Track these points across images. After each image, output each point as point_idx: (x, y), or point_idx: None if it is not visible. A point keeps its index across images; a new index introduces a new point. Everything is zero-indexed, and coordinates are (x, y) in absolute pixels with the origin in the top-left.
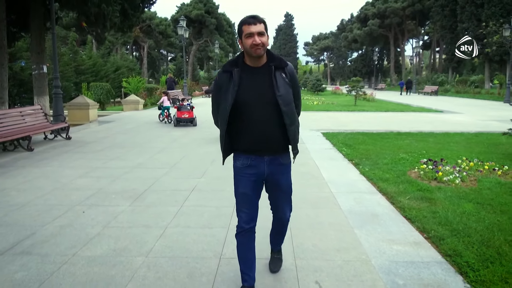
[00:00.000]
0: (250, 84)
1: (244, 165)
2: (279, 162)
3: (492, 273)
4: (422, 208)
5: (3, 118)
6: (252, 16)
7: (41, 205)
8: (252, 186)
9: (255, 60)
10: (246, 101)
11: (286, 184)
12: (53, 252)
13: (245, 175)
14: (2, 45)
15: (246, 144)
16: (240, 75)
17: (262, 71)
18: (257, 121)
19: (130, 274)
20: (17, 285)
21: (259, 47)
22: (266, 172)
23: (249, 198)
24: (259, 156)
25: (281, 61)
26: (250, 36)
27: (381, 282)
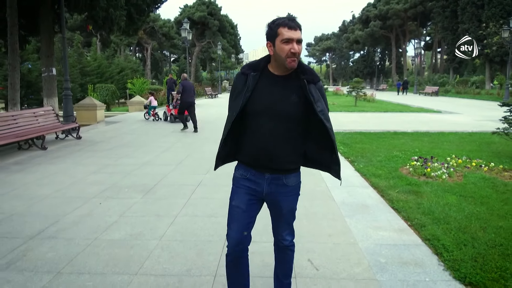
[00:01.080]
0: (267, 93)
1: (243, 176)
2: (282, 183)
3: (464, 253)
4: (409, 200)
5: (18, 119)
6: (292, 19)
7: (61, 198)
8: (247, 201)
9: (282, 68)
10: (256, 110)
11: (287, 208)
12: (77, 236)
13: (242, 186)
14: (14, 48)
15: (247, 156)
16: (257, 81)
17: (286, 81)
18: (264, 134)
19: (146, 254)
20: (50, 263)
21: (295, 58)
22: (266, 191)
23: (241, 214)
24: (259, 172)
25: (313, 75)
26: (288, 42)
27: (365, 261)
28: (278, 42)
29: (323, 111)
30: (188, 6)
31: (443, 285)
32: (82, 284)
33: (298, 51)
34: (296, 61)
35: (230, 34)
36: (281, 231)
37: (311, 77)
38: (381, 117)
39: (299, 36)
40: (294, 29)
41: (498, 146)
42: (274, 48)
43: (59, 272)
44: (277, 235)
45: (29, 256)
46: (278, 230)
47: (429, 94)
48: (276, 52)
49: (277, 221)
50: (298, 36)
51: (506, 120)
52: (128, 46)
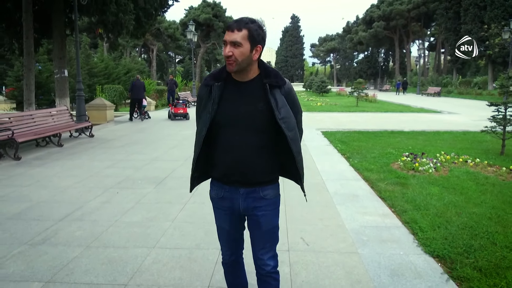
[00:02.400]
0: (233, 102)
1: (218, 195)
2: (259, 196)
3: (436, 233)
4: (395, 190)
5: (36, 118)
6: (236, 20)
7: (81, 188)
8: (229, 222)
9: (239, 73)
10: (224, 121)
11: (267, 225)
12: (100, 219)
13: (220, 207)
14: (30, 51)
15: (219, 172)
16: (221, 91)
17: (250, 88)
18: (233, 146)
19: (161, 232)
20: (79, 239)
21: (230, 61)
22: (242, 206)
23: (227, 234)
24: (233, 187)
25: (277, 78)
26: (224, 45)
27: (350, 239)
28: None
29: (285, 119)
30: (193, 8)
31: (414, 257)
32: (108, 255)
33: (227, 53)
34: (233, 65)
35: None
36: (262, 254)
37: (275, 80)
38: (380, 117)
39: (234, 38)
40: (231, 30)
41: (489, 144)
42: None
43: (88, 246)
44: (257, 260)
45: (60, 234)
46: (258, 253)
47: (431, 94)
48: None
49: (257, 242)
50: (233, 38)
51: (494, 119)
52: (134, 47)
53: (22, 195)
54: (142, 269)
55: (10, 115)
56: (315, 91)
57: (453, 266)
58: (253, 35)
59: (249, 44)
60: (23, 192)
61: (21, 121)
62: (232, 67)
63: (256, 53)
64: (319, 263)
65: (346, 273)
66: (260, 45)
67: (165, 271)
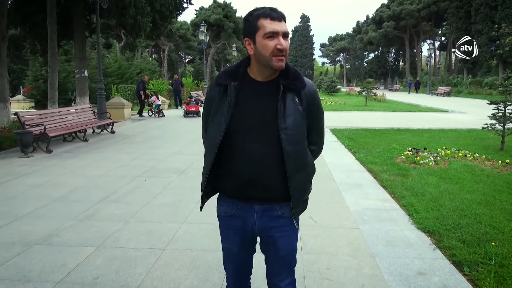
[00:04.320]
0: (250, 106)
1: (227, 214)
2: (277, 214)
3: (429, 214)
4: (396, 180)
5: (63, 115)
6: (273, 9)
7: (113, 176)
8: (238, 243)
9: (265, 71)
10: (240, 127)
11: (286, 248)
12: (133, 201)
13: (229, 227)
14: (54, 52)
15: (231, 185)
16: (238, 92)
17: (269, 89)
18: (250, 156)
19: (188, 211)
20: (119, 216)
21: (283, 55)
22: (257, 226)
23: (234, 256)
24: (247, 204)
25: (296, 79)
26: (272, 37)
27: (352, 218)
28: (260, 38)
29: (288, 130)
30: (204, 9)
31: (408, 232)
32: (146, 228)
33: (285, 46)
34: (284, 60)
35: None
36: (279, 280)
37: (292, 83)
38: (388, 116)
39: (285, 28)
40: (278, 19)
41: (490, 141)
42: (255, 46)
43: (127, 221)
44: (273, 286)
45: (101, 212)
46: (275, 279)
47: (441, 94)
48: (258, 51)
49: (274, 266)
50: (284, 28)
51: (494, 116)
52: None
53: (61, 182)
54: (176, 238)
55: (40, 112)
56: (324, 91)
57: (441, 239)
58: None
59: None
60: (60, 179)
61: (51, 117)
62: (283, 64)
63: None
64: (325, 235)
65: (348, 243)
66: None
67: (195, 240)
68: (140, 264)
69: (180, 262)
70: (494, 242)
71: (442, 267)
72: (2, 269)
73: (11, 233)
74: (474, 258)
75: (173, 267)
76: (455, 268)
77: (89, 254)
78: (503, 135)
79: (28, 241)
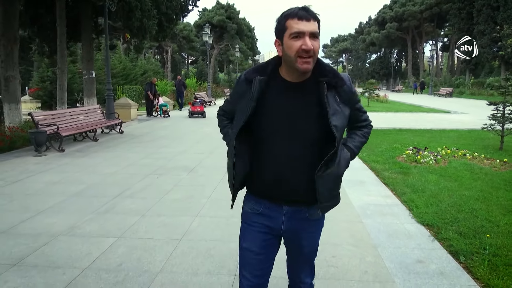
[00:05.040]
0: (280, 105)
1: (254, 210)
2: (305, 217)
3: (429, 209)
4: (398, 178)
5: (74, 115)
6: (304, 8)
7: (124, 174)
8: (261, 242)
9: (293, 72)
10: (266, 128)
11: (310, 247)
12: (148, 196)
13: (253, 224)
14: (63, 54)
15: (260, 185)
16: (263, 88)
17: (305, 89)
18: (278, 158)
19: (200, 206)
20: (134, 210)
21: (310, 56)
22: (284, 227)
23: (254, 258)
24: (275, 204)
25: (335, 76)
26: (298, 37)
27: (356, 213)
28: (286, 38)
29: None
30: (207, 10)
31: (408, 225)
32: (162, 221)
33: (311, 47)
34: (311, 62)
35: (248, 37)
36: (300, 272)
37: (334, 80)
38: (390, 116)
39: (314, 28)
40: (307, 19)
41: (490, 141)
42: (283, 47)
43: (143, 215)
44: (294, 277)
45: (118, 206)
46: (296, 271)
47: (443, 95)
48: (284, 52)
49: (296, 261)
50: (312, 28)
51: (493, 117)
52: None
53: (76, 179)
54: (190, 230)
55: (53, 112)
56: None
57: (439, 231)
58: (319, 28)
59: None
60: (76, 177)
61: (63, 117)
62: (310, 66)
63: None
64: (329, 228)
65: (351, 235)
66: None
67: (208, 231)
68: (159, 252)
69: (196, 251)
70: (489, 234)
71: (439, 256)
72: (31, 257)
73: (35, 226)
74: (469, 248)
75: (190, 255)
76: (452, 257)
77: (111, 244)
78: (502, 135)
79: (52, 232)
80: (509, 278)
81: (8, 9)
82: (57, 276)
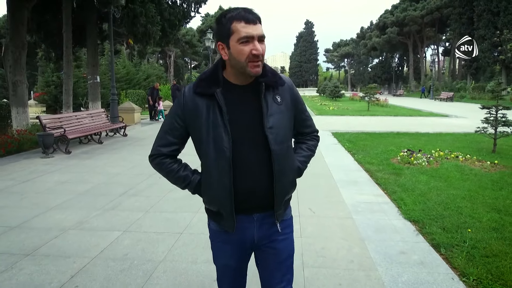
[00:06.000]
0: (239, 113)
1: (222, 228)
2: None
3: (416, 207)
4: (390, 178)
5: (79, 118)
6: (248, 10)
7: (129, 174)
8: (238, 256)
9: (241, 76)
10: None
11: (287, 251)
12: (151, 195)
13: (224, 241)
14: (69, 60)
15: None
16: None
17: (251, 92)
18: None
19: (200, 204)
20: (139, 207)
21: (259, 60)
22: (257, 236)
23: (234, 272)
24: (246, 215)
25: (275, 77)
26: (247, 42)
27: (347, 210)
28: (234, 43)
29: (274, 129)
30: (210, 16)
31: (395, 221)
32: (164, 216)
33: (261, 51)
34: (261, 65)
35: None
36: (278, 282)
37: (271, 79)
38: (389, 120)
39: (261, 31)
40: (253, 22)
41: (484, 144)
42: (229, 51)
43: (147, 211)
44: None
45: (123, 204)
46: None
47: (444, 99)
48: (232, 56)
49: (274, 272)
50: (260, 31)
51: (486, 120)
52: (152, 53)
53: (83, 179)
54: (191, 225)
55: (59, 116)
56: (328, 96)
57: (424, 226)
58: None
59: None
60: (83, 177)
61: (69, 121)
62: (260, 69)
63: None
64: (322, 223)
65: (341, 230)
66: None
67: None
68: (162, 244)
69: (196, 243)
70: (470, 229)
71: (422, 248)
72: (44, 247)
73: (46, 221)
74: (450, 241)
75: (190, 246)
76: (433, 249)
77: (117, 237)
78: (495, 138)
79: (62, 226)
80: (483, 267)
81: (16, 16)
82: (69, 265)
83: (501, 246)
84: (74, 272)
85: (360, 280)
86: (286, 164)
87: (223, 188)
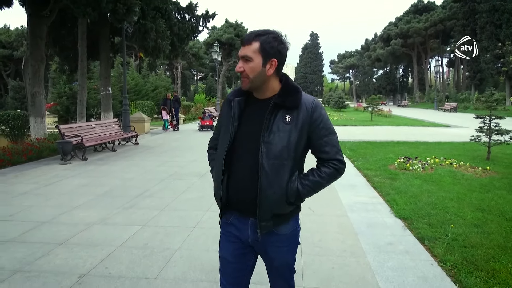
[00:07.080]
0: (248, 123)
1: (226, 220)
2: (270, 230)
3: (407, 206)
4: (386, 182)
5: (95, 128)
6: (248, 33)
7: (143, 179)
8: (232, 251)
9: (254, 90)
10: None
11: (280, 261)
12: (165, 196)
13: (226, 233)
14: (83, 72)
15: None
16: (241, 108)
17: (260, 107)
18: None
19: (211, 203)
20: (155, 207)
21: (243, 77)
22: (250, 238)
23: (228, 266)
24: (242, 216)
25: (289, 95)
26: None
27: (343, 209)
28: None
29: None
30: (217, 29)
31: (387, 218)
32: (178, 214)
33: (238, 70)
34: (247, 81)
35: None
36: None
37: (283, 100)
38: (391, 130)
39: (244, 52)
40: (243, 44)
41: (480, 152)
42: None
43: (162, 210)
44: None
45: (139, 204)
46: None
47: (448, 110)
48: None
49: (270, 276)
50: (243, 52)
51: (480, 129)
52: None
53: (101, 182)
54: (202, 221)
55: (76, 125)
56: (332, 106)
57: (412, 222)
58: (265, 48)
59: (260, 58)
60: (101, 181)
61: (85, 129)
62: (245, 85)
63: (270, 68)
64: (320, 220)
65: (337, 225)
66: (275, 58)
67: (217, 222)
68: (177, 236)
69: (207, 236)
70: (454, 225)
71: (407, 240)
72: (74, 238)
73: (72, 217)
74: (434, 235)
75: (202, 238)
76: (418, 241)
77: (137, 230)
78: (489, 146)
79: (87, 222)
80: (460, 255)
81: (35, 32)
82: (97, 251)
83: (479, 239)
84: (103, 257)
85: (351, 265)
86: (275, 180)
87: (218, 185)
